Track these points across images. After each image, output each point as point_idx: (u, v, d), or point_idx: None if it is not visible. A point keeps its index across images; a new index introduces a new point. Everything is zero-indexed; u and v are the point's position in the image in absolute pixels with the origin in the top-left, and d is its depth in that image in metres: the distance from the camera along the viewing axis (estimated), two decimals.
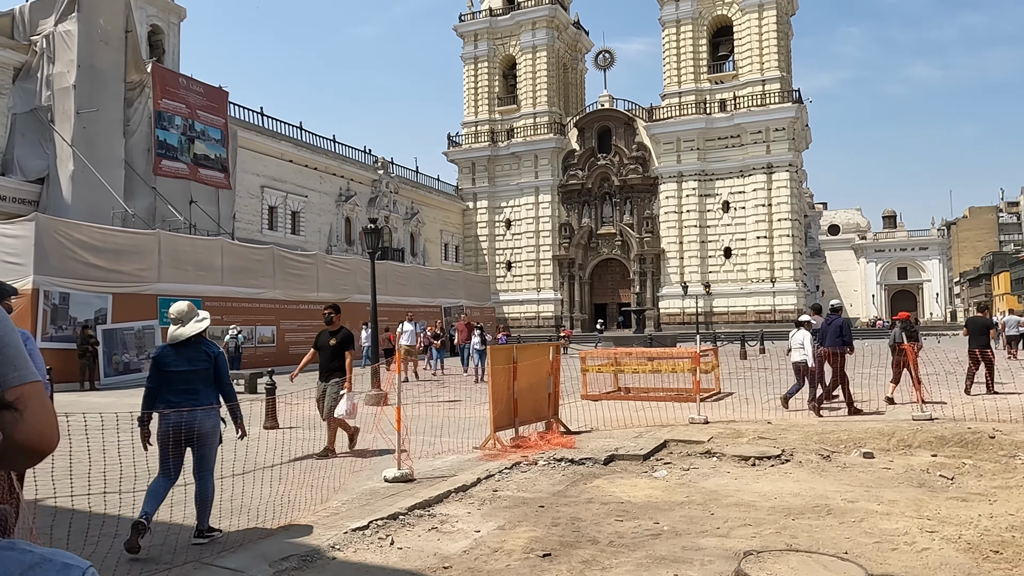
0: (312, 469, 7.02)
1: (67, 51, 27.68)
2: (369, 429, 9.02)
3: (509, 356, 8.38)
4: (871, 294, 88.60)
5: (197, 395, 4.87)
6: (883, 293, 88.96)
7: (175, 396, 4.83)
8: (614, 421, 9.87)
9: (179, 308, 5.11)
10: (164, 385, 4.89)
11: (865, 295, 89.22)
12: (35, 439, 1.23)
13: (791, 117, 51.53)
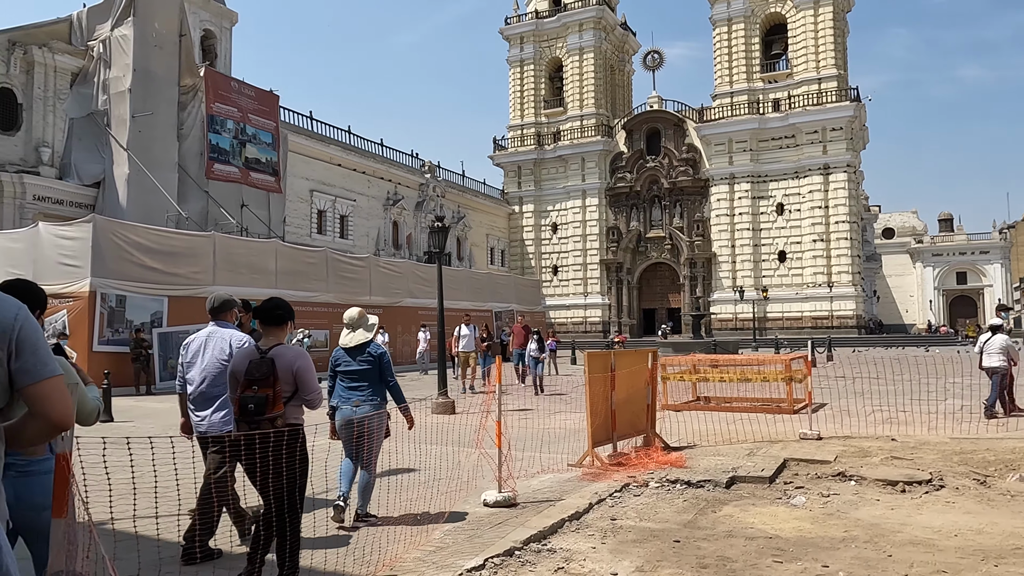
0: (398, 487, 6.31)
1: (123, 55, 27.79)
2: (442, 439, 8.30)
3: (607, 363, 7.58)
4: (928, 300, 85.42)
5: (363, 391, 5.37)
6: (941, 299, 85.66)
7: (346, 392, 5.38)
8: (711, 435, 9.00)
9: (351, 315, 5.56)
10: (338, 382, 5.47)
11: (922, 301, 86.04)
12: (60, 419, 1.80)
13: (849, 116, 49.75)
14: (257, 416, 3.77)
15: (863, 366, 19.36)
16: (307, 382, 3.98)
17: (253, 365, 3.87)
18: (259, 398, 3.77)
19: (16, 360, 1.79)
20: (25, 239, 18.60)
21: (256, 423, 3.78)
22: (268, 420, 3.78)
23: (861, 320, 50.70)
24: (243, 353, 4.09)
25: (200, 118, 30.49)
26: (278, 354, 3.95)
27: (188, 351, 4.88)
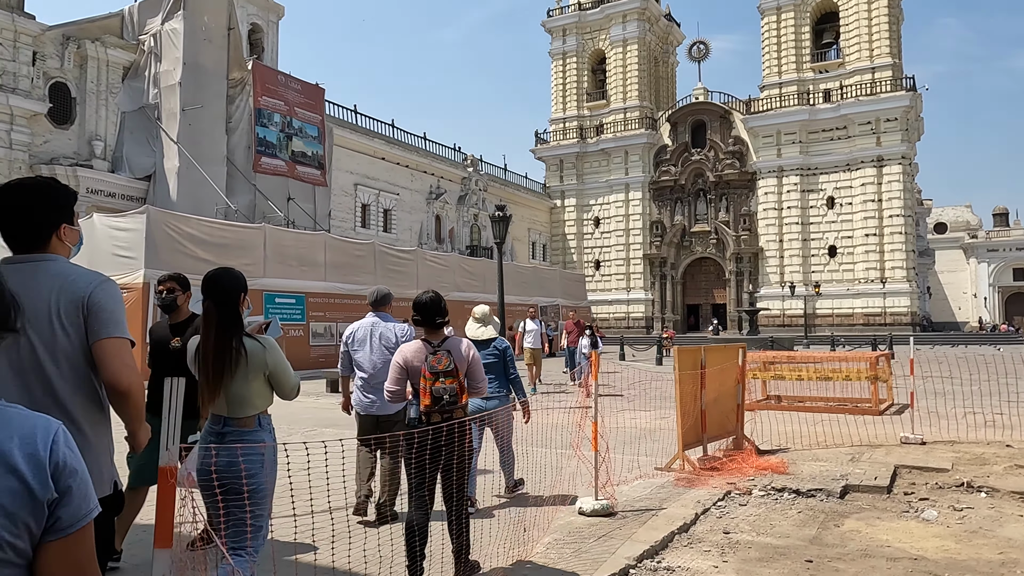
0: (487, 491, 5.88)
1: (173, 49, 27.93)
2: (521, 440, 7.86)
3: (697, 360, 7.06)
4: (983, 297, 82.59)
5: (490, 383, 5.35)
6: (996, 296, 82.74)
7: None
8: (796, 437, 8.42)
9: (483, 311, 5.95)
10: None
11: (976, 298, 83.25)
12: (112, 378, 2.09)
13: (904, 106, 48.09)
14: (450, 407, 3.91)
15: (930, 365, 18.43)
16: (478, 372, 4.15)
17: (435, 359, 3.96)
18: (451, 389, 3.91)
19: (87, 322, 2.08)
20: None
21: (449, 413, 3.92)
22: (460, 409, 3.96)
23: (916, 317, 49.03)
24: (414, 346, 4.13)
25: (248, 111, 30.55)
26: (452, 346, 4.07)
27: (353, 339, 5.46)
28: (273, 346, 3.14)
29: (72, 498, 1.11)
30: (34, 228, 2.21)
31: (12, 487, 1.04)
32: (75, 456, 1.14)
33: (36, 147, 26.52)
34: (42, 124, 26.78)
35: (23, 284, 2.05)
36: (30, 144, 26.20)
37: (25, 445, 1.08)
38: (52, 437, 1.11)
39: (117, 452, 2.36)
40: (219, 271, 3.18)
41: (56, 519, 1.10)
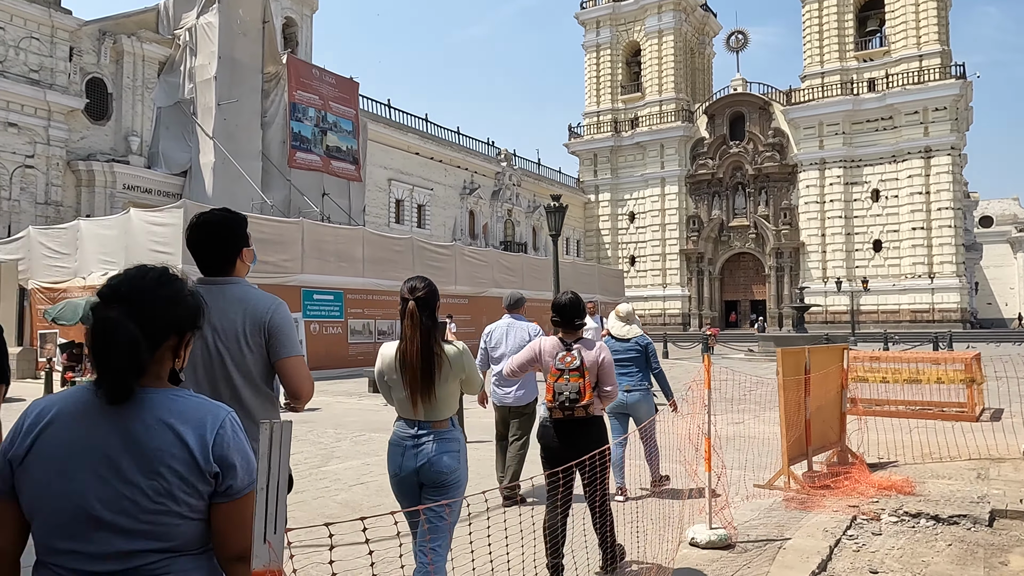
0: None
1: (208, 43, 27.62)
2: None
3: (801, 363, 6.27)
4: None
5: (633, 376, 5.83)
6: None
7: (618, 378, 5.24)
8: (898, 447, 7.58)
9: (627, 309, 6.22)
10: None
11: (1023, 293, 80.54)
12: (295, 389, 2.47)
13: (954, 95, 46.30)
14: (571, 404, 3.93)
15: (1004, 365, 17.29)
16: (608, 375, 4.12)
17: (564, 356, 4.02)
18: (574, 387, 3.94)
19: (268, 343, 2.48)
20: (117, 225, 18.35)
21: (570, 411, 3.94)
22: (582, 408, 3.94)
23: (965, 313, 47.28)
24: (550, 342, 4.18)
25: (283, 106, 30.19)
26: (584, 346, 4.09)
27: (491, 338, 5.99)
28: (466, 350, 3.31)
29: (236, 472, 1.43)
30: (224, 256, 2.55)
31: (186, 459, 1.39)
32: (239, 440, 1.46)
33: (73, 143, 26.40)
34: (79, 120, 26.65)
35: (215, 304, 2.39)
36: (67, 140, 26.07)
37: (197, 429, 1.41)
38: (219, 424, 1.44)
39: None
40: (419, 281, 3.26)
41: (227, 487, 1.42)
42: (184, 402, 1.44)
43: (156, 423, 1.39)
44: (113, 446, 1.37)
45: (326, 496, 6.14)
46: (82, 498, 1.35)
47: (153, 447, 1.37)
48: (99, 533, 1.35)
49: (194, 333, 1.55)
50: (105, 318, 1.41)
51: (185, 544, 1.40)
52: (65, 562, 1.37)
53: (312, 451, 8.52)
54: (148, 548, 1.36)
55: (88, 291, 17.90)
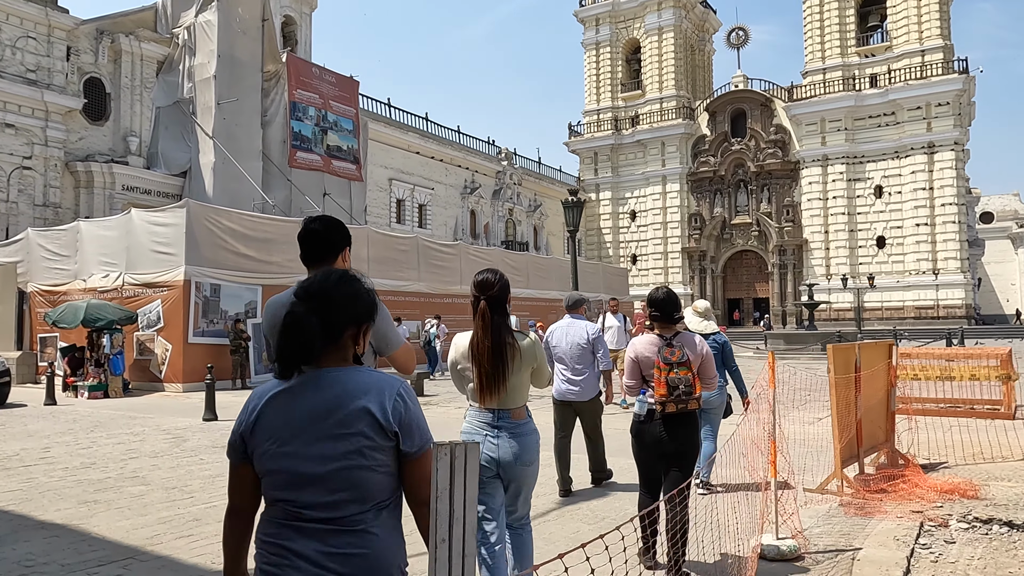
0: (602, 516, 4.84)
1: (207, 42, 27.26)
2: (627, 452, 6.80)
3: (851, 360, 5.94)
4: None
5: None
6: None
7: None
8: (940, 447, 7.26)
9: (705, 305, 6.37)
10: None
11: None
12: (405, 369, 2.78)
13: (957, 90, 46.07)
14: (685, 396, 3.99)
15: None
16: (710, 367, 4.21)
17: (668, 350, 4.05)
18: (686, 379, 3.99)
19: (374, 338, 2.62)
20: (118, 226, 17.96)
21: (684, 404, 3.99)
22: (695, 399, 4.01)
23: (969, 310, 47.04)
24: (646, 339, 4.25)
25: (283, 105, 29.84)
26: (686, 340, 4.17)
27: (553, 337, 6.17)
28: (537, 341, 3.40)
29: (414, 432, 1.71)
30: (330, 251, 2.75)
31: (370, 422, 1.66)
32: (412, 405, 1.74)
33: (71, 144, 26.02)
34: (77, 120, 26.27)
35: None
36: (65, 141, 25.70)
37: (377, 397, 1.68)
38: (395, 393, 1.71)
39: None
40: (491, 274, 3.35)
41: (407, 446, 1.69)
42: (366, 376, 1.74)
43: (345, 395, 1.68)
44: (313, 416, 1.67)
45: None
46: (293, 459, 1.67)
47: (343, 414, 1.67)
48: (308, 487, 1.66)
49: (371, 324, 1.84)
50: (294, 312, 1.72)
51: (376, 495, 1.69)
52: (283, 506, 1.69)
53: None
54: (347, 499, 1.66)
55: (89, 293, 17.54)
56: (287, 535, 1.67)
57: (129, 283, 17.20)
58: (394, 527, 1.73)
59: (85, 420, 11.66)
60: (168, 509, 5.74)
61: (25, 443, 9.25)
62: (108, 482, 6.81)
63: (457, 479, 0.98)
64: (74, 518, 5.52)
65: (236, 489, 1.79)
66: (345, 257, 2.81)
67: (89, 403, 14.42)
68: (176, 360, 16.38)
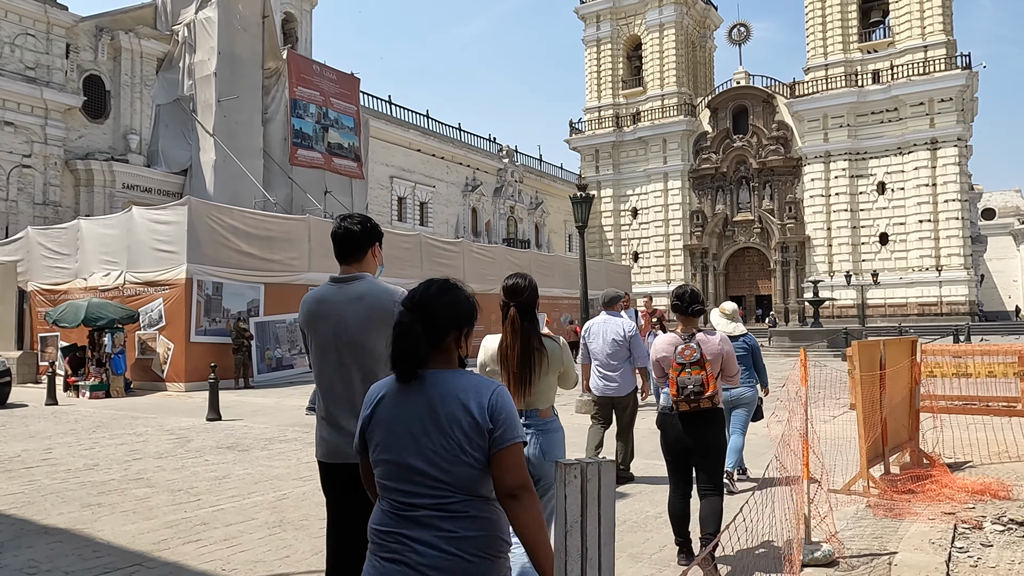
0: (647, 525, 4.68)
1: (208, 39, 27.08)
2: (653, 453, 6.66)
3: (876, 357, 5.78)
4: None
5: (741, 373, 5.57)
6: None
7: None
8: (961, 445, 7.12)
9: (732, 307, 6.57)
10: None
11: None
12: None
13: (960, 85, 45.80)
14: (696, 396, 4.02)
15: None
16: (731, 364, 4.26)
17: (682, 350, 4.11)
18: (696, 380, 4.02)
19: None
20: (119, 224, 17.80)
21: (696, 403, 4.03)
22: (707, 399, 4.04)
23: (973, 306, 46.85)
24: (665, 339, 4.33)
25: (283, 102, 29.66)
26: (703, 340, 4.19)
27: (589, 334, 6.36)
28: (565, 345, 3.48)
29: (506, 428, 1.83)
30: (360, 247, 2.85)
31: (470, 421, 1.81)
32: (507, 405, 1.86)
33: (71, 142, 25.84)
34: (77, 118, 26.09)
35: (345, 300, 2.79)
36: (65, 139, 25.52)
37: (476, 398, 1.83)
38: (491, 393, 1.85)
39: None
40: (520, 279, 3.40)
41: (499, 439, 1.81)
42: (468, 379, 1.88)
43: (449, 395, 1.83)
44: (419, 414, 1.83)
45: None
46: (401, 452, 1.84)
47: (446, 413, 1.81)
48: (414, 478, 1.82)
49: (471, 328, 1.97)
50: (402, 322, 1.89)
51: (474, 488, 1.82)
52: (396, 497, 1.85)
53: None
54: (448, 490, 1.80)
55: (90, 292, 17.38)
56: (402, 524, 1.83)
57: (130, 281, 17.04)
58: (497, 510, 1.87)
59: (87, 420, 11.51)
60: (174, 512, 5.59)
61: (27, 444, 9.09)
62: (112, 484, 6.65)
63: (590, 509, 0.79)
64: (78, 522, 5.37)
65: (368, 479, 2.00)
66: (375, 252, 2.90)
67: (91, 403, 14.27)
68: (178, 359, 16.23)
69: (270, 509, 5.65)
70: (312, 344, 2.85)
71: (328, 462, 2.79)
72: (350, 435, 2.47)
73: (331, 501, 2.83)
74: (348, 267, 2.85)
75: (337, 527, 2.79)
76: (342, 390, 2.75)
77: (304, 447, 8.65)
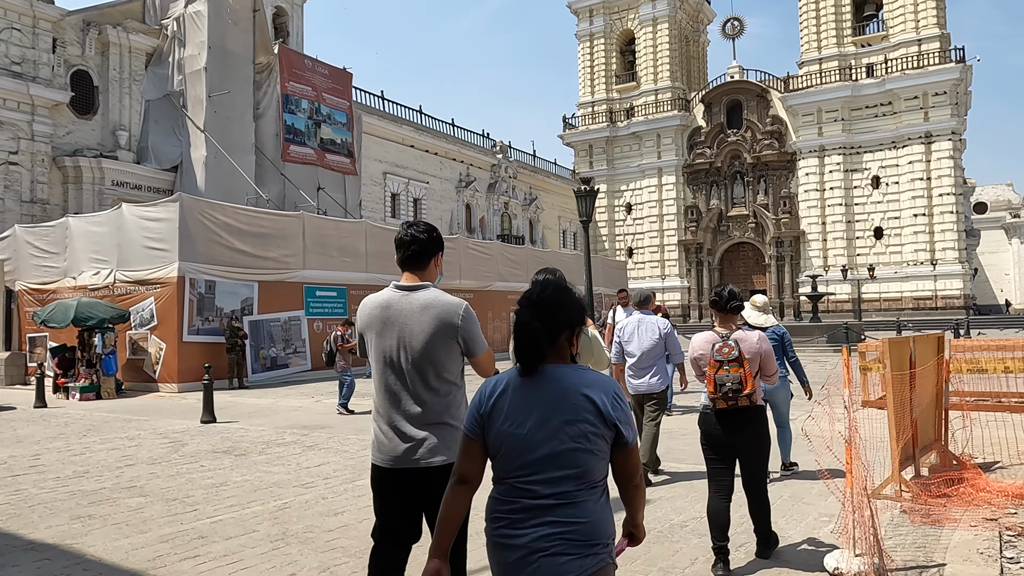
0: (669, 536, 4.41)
1: (197, 33, 26.63)
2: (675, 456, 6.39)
3: (906, 354, 5.53)
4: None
5: None
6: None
7: None
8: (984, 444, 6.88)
9: (763, 300, 6.55)
10: None
11: (1019, 279, 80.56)
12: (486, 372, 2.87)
13: (954, 79, 45.75)
14: (734, 395, 3.99)
15: None
16: (770, 363, 4.23)
17: (720, 347, 4.10)
18: (734, 377, 3.99)
19: (464, 344, 2.85)
20: (109, 222, 17.41)
21: (734, 401, 4.01)
22: (745, 397, 4.02)
23: (968, 300, 46.87)
24: (703, 337, 4.32)
25: (275, 98, 29.23)
26: (741, 338, 4.18)
27: (624, 333, 6.47)
28: (596, 337, 3.54)
29: (630, 427, 2.00)
30: (424, 256, 2.92)
31: (594, 411, 1.93)
32: (625, 405, 2.01)
33: (59, 138, 25.36)
34: (64, 114, 25.61)
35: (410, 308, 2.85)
36: (52, 135, 25.03)
37: (599, 392, 1.96)
38: (613, 390, 2.00)
39: None
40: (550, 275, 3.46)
41: (626, 436, 1.98)
42: (588, 374, 2.02)
43: (573, 388, 1.97)
44: (544, 404, 1.96)
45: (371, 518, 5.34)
46: (526, 440, 1.96)
47: (571, 404, 1.95)
48: (538, 464, 1.94)
49: (582, 328, 2.09)
50: (521, 320, 2.03)
51: (594, 475, 1.95)
52: (517, 483, 1.96)
53: (340, 461, 7.71)
54: (569, 475, 1.93)
55: (79, 291, 16.99)
56: (520, 508, 1.93)
57: (121, 280, 16.67)
58: (606, 501, 1.99)
59: (77, 424, 11.16)
60: (170, 525, 5.28)
61: (14, 450, 8.75)
62: (103, 493, 6.34)
63: None
64: (67, 536, 5.05)
65: (468, 459, 2.06)
66: (437, 261, 2.97)
67: (81, 405, 13.91)
68: (171, 359, 15.88)
69: (271, 520, 5.35)
70: (373, 349, 2.88)
71: (383, 466, 2.83)
72: (410, 440, 2.75)
73: (381, 504, 2.89)
74: (411, 275, 2.90)
75: (386, 530, 2.88)
76: (404, 396, 2.80)
77: (303, 451, 8.35)
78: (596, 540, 1.91)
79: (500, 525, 1.95)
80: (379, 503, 2.92)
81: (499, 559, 1.95)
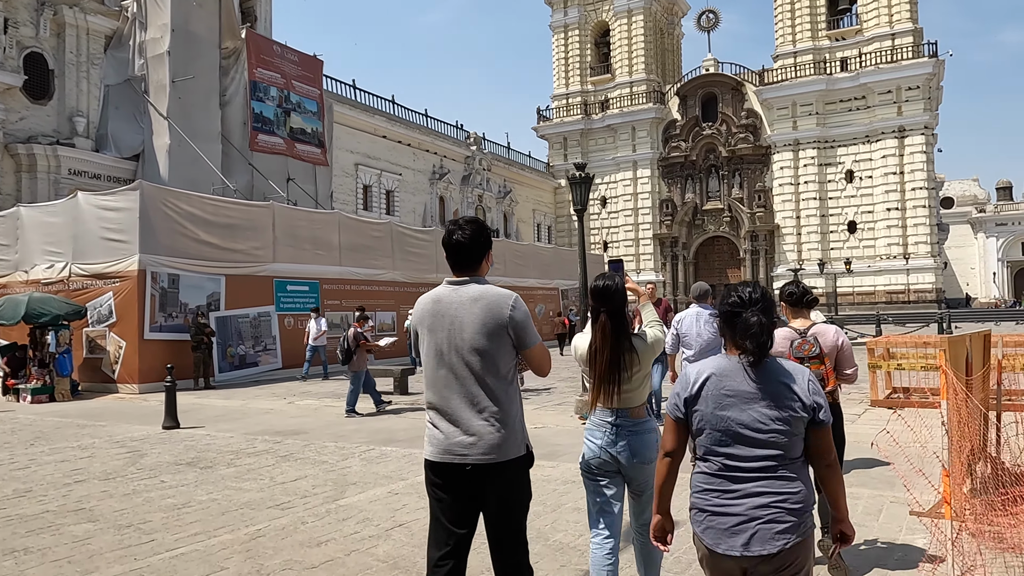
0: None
1: (160, 14, 25.39)
2: None
3: (963, 354, 4.93)
4: (992, 272, 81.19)
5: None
6: (1005, 271, 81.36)
7: None
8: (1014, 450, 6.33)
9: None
10: None
11: (985, 273, 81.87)
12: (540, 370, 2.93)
13: (927, 74, 45.97)
14: None
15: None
16: (848, 359, 4.12)
17: (800, 344, 4.00)
18: (817, 374, 3.76)
19: (515, 336, 2.81)
20: (64, 212, 16.31)
21: None
22: (828, 394, 3.88)
23: (940, 294, 47.26)
24: (781, 333, 4.10)
25: (242, 84, 28.07)
26: (820, 332, 4.08)
27: (682, 325, 6.95)
28: (658, 339, 3.44)
29: (827, 410, 2.23)
30: (476, 256, 2.93)
31: (796, 398, 2.20)
32: (818, 388, 2.25)
33: (11, 124, 23.99)
34: (17, 99, 24.23)
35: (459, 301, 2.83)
36: (4, 121, 23.66)
37: (798, 381, 2.23)
38: (808, 379, 2.25)
39: None
40: (609, 281, 3.34)
41: (823, 419, 2.21)
42: (786, 363, 2.30)
43: (775, 377, 2.24)
44: (749, 390, 2.22)
45: (360, 549, 4.60)
46: (730, 421, 2.21)
47: (777, 391, 2.21)
48: (740, 443, 2.20)
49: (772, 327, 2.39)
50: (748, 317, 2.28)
51: (793, 453, 2.20)
52: (721, 460, 2.22)
53: (319, 474, 6.93)
54: (770, 455, 2.17)
55: (31, 286, 15.89)
56: (728, 482, 2.20)
57: (76, 274, 15.61)
58: (807, 475, 2.24)
59: (26, 431, 10.21)
60: (120, 561, 4.47)
61: None
62: (46, 518, 5.50)
63: None
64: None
65: (674, 438, 2.36)
66: (488, 258, 2.99)
67: (32, 409, 12.90)
68: (131, 358, 14.88)
69: (243, 553, 4.58)
70: (426, 343, 2.86)
71: (437, 461, 2.79)
72: (466, 432, 2.73)
73: (436, 501, 2.82)
74: (463, 273, 2.91)
75: (439, 528, 2.80)
76: (458, 389, 2.79)
77: (277, 462, 7.56)
78: (801, 507, 2.16)
79: (712, 497, 2.21)
80: (435, 502, 2.84)
81: (712, 524, 2.20)
